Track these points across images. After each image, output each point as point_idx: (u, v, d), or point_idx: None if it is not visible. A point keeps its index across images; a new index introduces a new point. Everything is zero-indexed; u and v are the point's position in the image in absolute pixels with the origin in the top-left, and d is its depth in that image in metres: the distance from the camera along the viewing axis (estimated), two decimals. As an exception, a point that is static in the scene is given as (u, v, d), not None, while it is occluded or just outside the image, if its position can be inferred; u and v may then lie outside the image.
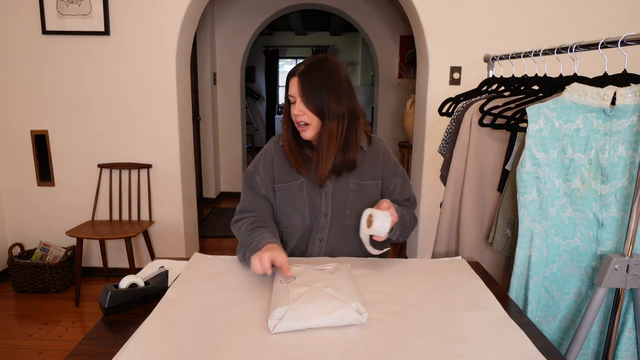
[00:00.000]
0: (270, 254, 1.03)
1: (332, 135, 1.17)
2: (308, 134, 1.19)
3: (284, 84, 1.22)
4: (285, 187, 1.26)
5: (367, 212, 1.12)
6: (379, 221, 1.07)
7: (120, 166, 2.71)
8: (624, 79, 1.06)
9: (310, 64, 1.16)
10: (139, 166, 2.71)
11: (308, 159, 1.26)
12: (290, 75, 1.18)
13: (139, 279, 1.01)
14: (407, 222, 1.24)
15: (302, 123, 1.18)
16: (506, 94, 1.44)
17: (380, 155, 1.29)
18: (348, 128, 1.19)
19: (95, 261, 2.92)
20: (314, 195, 1.25)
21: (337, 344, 0.82)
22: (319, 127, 1.18)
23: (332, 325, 0.87)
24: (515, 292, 1.21)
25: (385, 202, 1.13)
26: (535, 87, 1.33)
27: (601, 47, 1.08)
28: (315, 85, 1.14)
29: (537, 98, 1.28)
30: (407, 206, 1.32)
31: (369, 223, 1.10)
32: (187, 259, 1.24)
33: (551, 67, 1.35)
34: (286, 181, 1.26)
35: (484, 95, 1.55)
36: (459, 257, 1.30)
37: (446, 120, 1.76)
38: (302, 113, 1.16)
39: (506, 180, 1.30)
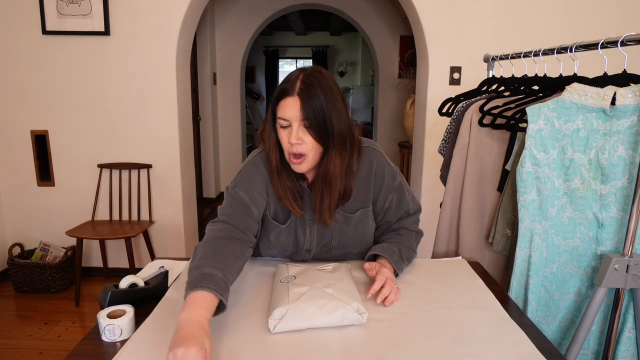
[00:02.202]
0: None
1: (337, 166, 1.01)
2: (304, 166, 1.00)
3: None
4: (276, 226, 1.12)
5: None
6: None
7: (120, 166, 2.71)
8: (623, 79, 1.06)
9: (306, 79, 0.96)
10: (139, 166, 2.71)
11: (304, 193, 1.10)
12: (284, 94, 0.96)
13: (139, 279, 1.00)
14: (411, 257, 1.16)
15: (297, 154, 0.99)
16: (506, 94, 1.44)
17: (372, 174, 1.11)
18: (350, 152, 1.04)
19: (95, 261, 2.92)
20: (299, 233, 1.13)
21: (337, 344, 0.82)
22: (317, 157, 1.01)
23: (332, 325, 0.87)
24: (515, 292, 1.21)
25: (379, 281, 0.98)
26: (535, 87, 1.33)
27: (601, 47, 1.08)
28: (317, 105, 0.94)
29: (537, 98, 1.28)
30: (403, 227, 1.19)
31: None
32: (187, 259, 1.24)
33: (551, 67, 1.35)
34: (279, 220, 1.12)
35: (484, 95, 1.55)
36: (459, 257, 1.30)
37: (446, 120, 1.76)
38: (300, 141, 0.97)
39: (506, 180, 1.30)
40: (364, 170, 1.10)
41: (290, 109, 0.95)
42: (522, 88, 1.38)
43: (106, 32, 2.56)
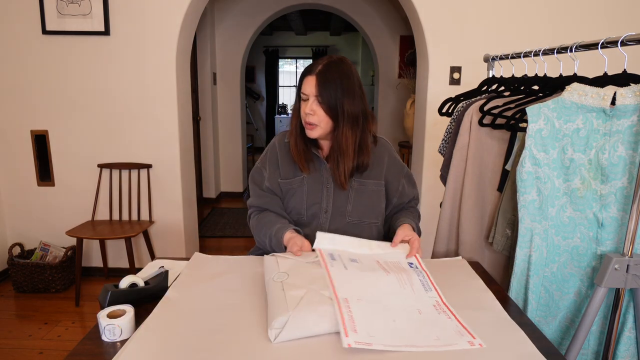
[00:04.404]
0: (302, 246, 1.14)
1: (349, 139, 1.19)
2: (315, 132, 1.20)
3: (285, 84, 1.21)
4: (288, 183, 1.28)
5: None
6: None
7: (120, 166, 2.71)
8: (623, 79, 1.06)
9: (328, 64, 1.16)
10: (139, 166, 2.71)
11: (315, 157, 1.27)
12: (307, 73, 1.17)
13: (139, 279, 1.00)
14: (418, 231, 1.29)
15: (310, 123, 1.18)
16: (506, 94, 1.44)
17: (386, 158, 1.31)
18: (362, 131, 1.21)
19: (95, 261, 2.92)
20: (314, 192, 1.26)
21: (338, 344, 0.82)
22: (327, 128, 1.19)
23: (334, 331, 0.86)
24: (515, 292, 1.21)
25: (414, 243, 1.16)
26: (535, 87, 1.33)
27: (601, 47, 1.08)
28: (332, 85, 1.13)
29: (537, 98, 1.28)
30: (413, 207, 1.37)
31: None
32: (187, 259, 1.24)
33: (551, 67, 1.35)
34: (289, 177, 1.28)
35: (484, 95, 1.55)
36: (459, 257, 1.30)
37: (446, 120, 1.76)
38: (312, 112, 1.16)
39: (506, 180, 1.30)
40: (379, 152, 1.31)
41: (308, 85, 1.16)
42: (522, 88, 1.38)
43: (106, 32, 2.56)
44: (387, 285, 0.96)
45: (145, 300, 0.99)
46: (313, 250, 1.11)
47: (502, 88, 1.49)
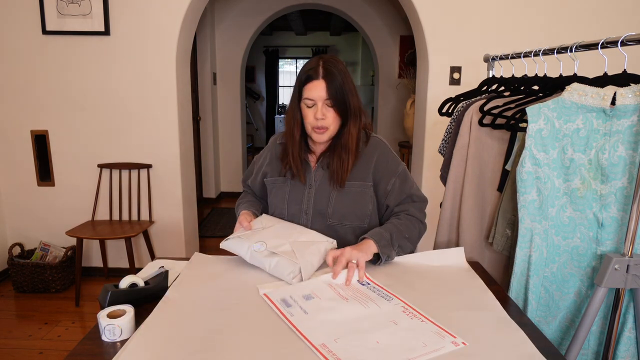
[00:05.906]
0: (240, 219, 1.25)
1: (354, 136, 1.20)
2: (325, 136, 1.20)
3: (285, 84, 1.22)
4: (273, 180, 1.31)
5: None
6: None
7: (120, 166, 2.71)
8: (623, 79, 1.06)
9: (326, 66, 1.15)
10: (139, 166, 2.71)
11: (304, 162, 1.27)
12: (310, 78, 1.16)
13: (139, 279, 1.00)
14: (406, 245, 1.20)
15: (321, 127, 1.18)
16: (506, 94, 1.44)
17: (375, 158, 1.26)
18: (359, 127, 1.23)
19: (95, 261, 2.92)
20: (297, 193, 1.27)
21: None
22: (336, 129, 1.21)
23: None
24: (515, 292, 1.21)
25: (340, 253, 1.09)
26: (535, 87, 1.33)
27: (601, 47, 1.08)
28: (337, 85, 1.15)
29: (537, 98, 1.28)
30: (404, 211, 1.26)
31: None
32: (187, 259, 1.24)
33: (551, 67, 1.35)
34: (274, 175, 1.31)
35: (484, 95, 1.55)
36: (461, 248, 1.27)
37: (446, 120, 1.76)
38: (324, 117, 1.16)
39: (506, 180, 1.30)
40: (368, 151, 1.27)
41: (316, 90, 1.15)
42: (522, 88, 1.38)
43: (106, 32, 2.56)
44: (352, 312, 0.93)
45: (145, 300, 0.99)
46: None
47: (502, 88, 1.49)
